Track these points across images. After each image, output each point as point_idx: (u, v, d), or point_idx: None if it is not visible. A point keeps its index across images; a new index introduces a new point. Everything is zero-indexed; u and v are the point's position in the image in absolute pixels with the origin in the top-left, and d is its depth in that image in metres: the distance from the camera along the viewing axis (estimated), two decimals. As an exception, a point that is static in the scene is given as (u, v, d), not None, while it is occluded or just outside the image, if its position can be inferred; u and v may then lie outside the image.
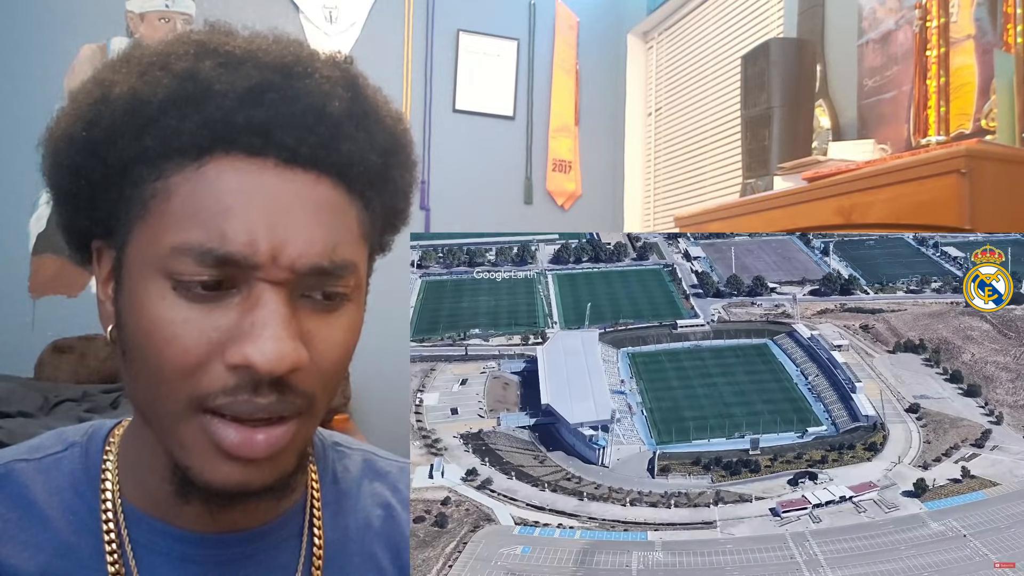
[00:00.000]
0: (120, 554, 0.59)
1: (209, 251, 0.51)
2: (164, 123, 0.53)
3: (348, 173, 0.57)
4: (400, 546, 0.72)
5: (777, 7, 2.62)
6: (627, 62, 3.69)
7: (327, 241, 0.55)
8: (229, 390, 0.52)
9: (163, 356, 0.52)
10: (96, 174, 0.56)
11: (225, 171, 0.53)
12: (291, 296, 0.54)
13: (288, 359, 0.52)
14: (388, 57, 3.39)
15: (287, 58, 0.56)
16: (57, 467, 0.62)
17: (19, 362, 2.67)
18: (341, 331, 0.57)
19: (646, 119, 3.70)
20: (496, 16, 3.57)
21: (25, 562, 0.57)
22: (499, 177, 3.57)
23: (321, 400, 0.58)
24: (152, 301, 0.53)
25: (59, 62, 2.94)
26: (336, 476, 0.73)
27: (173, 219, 0.53)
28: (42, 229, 2.89)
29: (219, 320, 0.52)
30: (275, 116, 0.54)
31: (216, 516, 0.60)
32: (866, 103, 2.06)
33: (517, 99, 3.60)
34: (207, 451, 0.54)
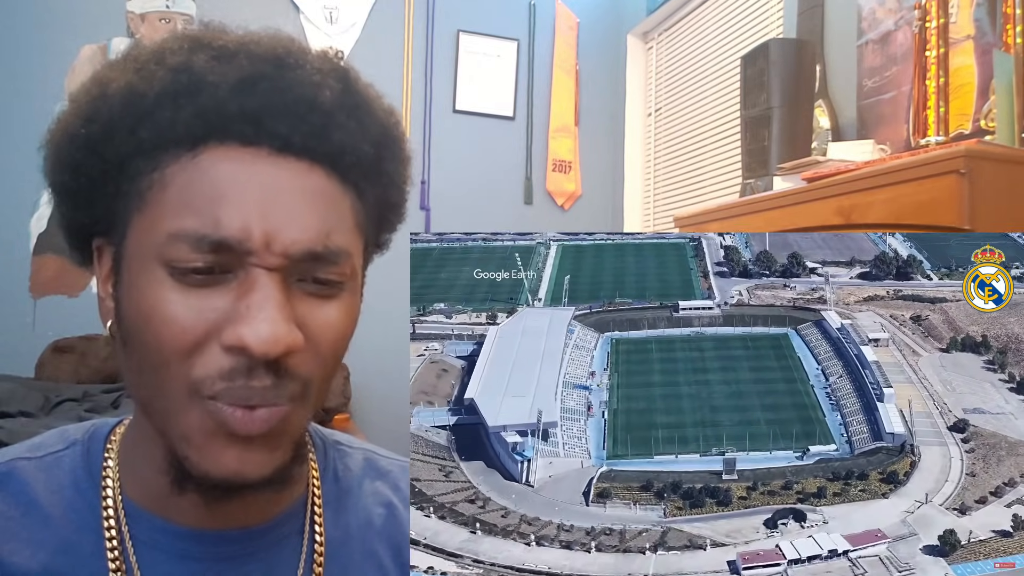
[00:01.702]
0: (121, 551, 0.59)
1: (204, 237, 0.52)
2: (159, 115, 0.55)
3: (340, 162, 0.58)
4: (401, 545, 0.72)
5: (777, 7, 2.62)
6: (627, 62, 3.69)
7: (320, 227, 0.56)
8: (225, 374, 0.53)
9: (161, 338, 0.53)
10: (95, 170, 0.57)
11: (220, 160, 0.54)
12: (285, 282, 0.55)
13: (282, 341, 0.52)
14: (388, 57, 3.39)
15: (279, 50, 0.58)
16: (58, 465, 0.62)
17: (20, 362, 2.67)
18: (336, 317, 0.58)
19: (646, 119, 3.70)
20: (496, 16, 3.57)
21: (27, 559, 0.57)
22: (499, 177, 3.56)
23: (318, 387, 0.58)
24: (150, 287, 0.54)
25: (59, 62, 2.94)
26: (337, 474, 0.73)
27: (169, 207, 0.54)
28: (43, 229, 2.89)
29: (215, 303, 0.53)
30: (267, 105, 0.55)
31: (213, 510, 0.60)
32: (865, 103, 2.06)
33: (517, 99, 3.60)
34: (206, 434, 0.54)
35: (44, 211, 2.89)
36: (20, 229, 2.88)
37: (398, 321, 2.69)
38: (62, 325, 2.78)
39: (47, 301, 2.91)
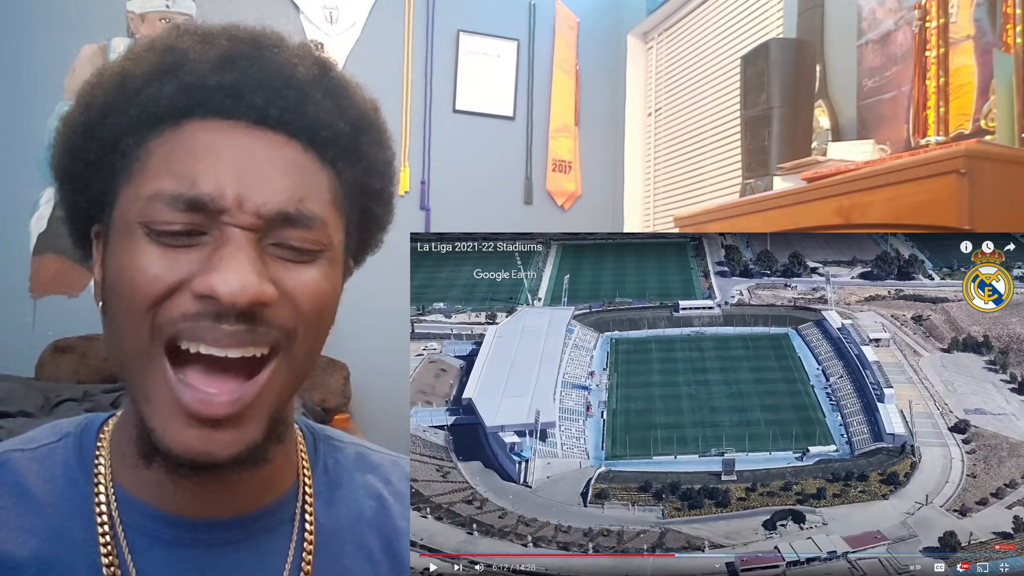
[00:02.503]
0: (112, 537, 0.60)
1: (180, 196, 0.55)
2: (146, 93, 0.58)
3: (316, 138, 0.61)
4: (392, 537, 0.73)
5: (777, 7, 2.62)
6: (627, 62, 3.69)
7: (293, 191, 0.58)
8: (191, 316, 0.55)
9: (134, 286, 0.55)
10: (92, 153, 0.60)
11: (199, 130, 0.58)
12: (260, 244, 0.57)
13: (251, 289, 0.54)
14: (388, 57, 3.39)
15: (257, 34, 0.62)
16: (51, 456, 0.64)
17: (20, 362, 2.67)
18: (313, 278, 0.60)
19: (646, 119, 3.70)
20: (496, 16, 3.57)
21: (19, 547, 0.58)
22: (499, 177, 3.57)
23: (302, 343, 0.59)
24: (128, 247, 0.56)
25: (59, 62, 2.94)
26: (327, 467, 0.74)
27: (150, 174, 0.57)
28: (43, 229, 2.89)
29: (191, 256, 0.55)
30: (245, 79, 0.58)
31: (212, 487, 0.61)
32: (865, 103, 2.06)
33: (517, 99, 3.60)
34: (170, 411, 0.55)
35: (44, 211, 2.89)
36: (20, 229, 2.88)
37: (398, 321, 2.69)
38: (62, 325, 2.78)
39: (47, 301, 2.91)
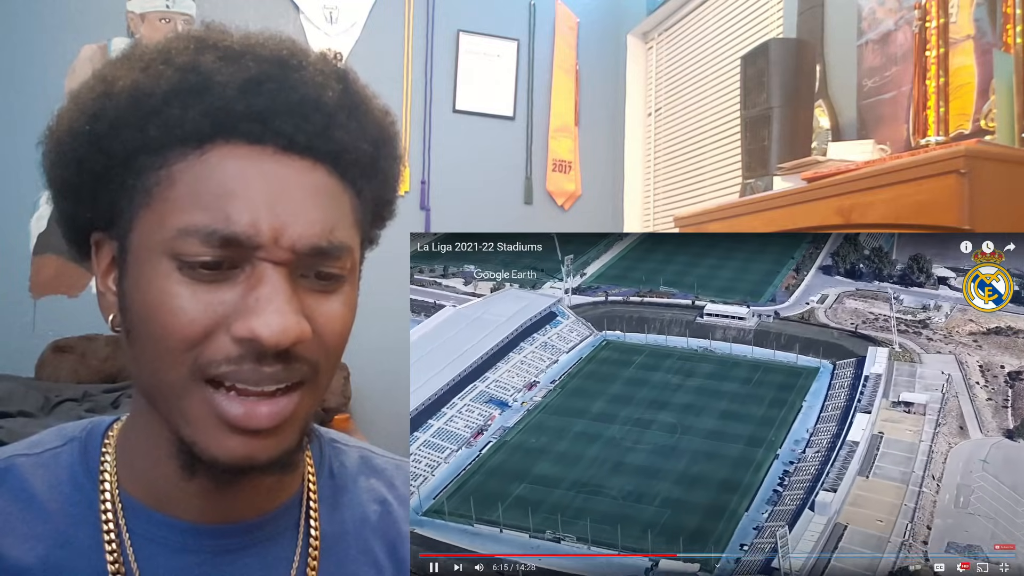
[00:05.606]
0: (119, 544, 0.60)
1: (215, 232, 0.54)
2: (167, 113, 0.56)
3: (341, 161, 0.60)
4: (396, 541, 0.73)
5: (777, 7, 2.62)
6: (627, 62, 3.69)
7: (325, 223, 0.58)
8: (233, 359, 0.54)
9: (168, 328, 0.54)
10: (99, 166, 0.58)
11: (226, 157, 0.56)
12: (291, 276, 0.56)
13: (292, 331, 0.54)
14: (388, 57, 3.39)
15: (283, 52, 0.60)
16: (56, 461, 0.63)
17: (20, 362, 2.67)
18: (339, 309, 0.60)
19: (646, 119, 3.70)
20: (496, 16, 3.57)
21: (25, 553, 0.58)
22: (499, 177, 3.56)
23: (325, 371, 0.60)
24: (157, 280, 0.55)
25: (59, 62, 2.94)
26: (332, 471, 0.74)
27: (178, 204, 0.55)
28: (43, 229, 2.89)
29: (224, 296, 0.55)
30: (273, 105, 0.57)
31: (223, 493, 0.62)
32: (865, 103, 2.06)
33: (517, 99, 3.60)
34: (212, 424, 0.56)
35: (44, 211, 2.89)
36: (20, 229, 2.88)
37: (398, 321, 2.69)
38: (62, 325, 2.78)
39: (47, 301, 2.91)
